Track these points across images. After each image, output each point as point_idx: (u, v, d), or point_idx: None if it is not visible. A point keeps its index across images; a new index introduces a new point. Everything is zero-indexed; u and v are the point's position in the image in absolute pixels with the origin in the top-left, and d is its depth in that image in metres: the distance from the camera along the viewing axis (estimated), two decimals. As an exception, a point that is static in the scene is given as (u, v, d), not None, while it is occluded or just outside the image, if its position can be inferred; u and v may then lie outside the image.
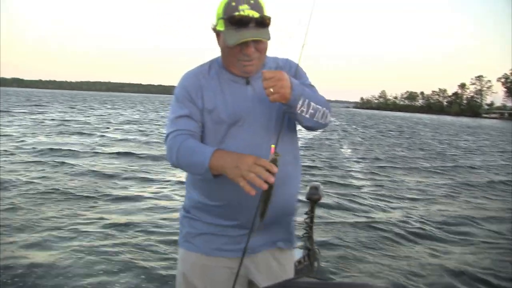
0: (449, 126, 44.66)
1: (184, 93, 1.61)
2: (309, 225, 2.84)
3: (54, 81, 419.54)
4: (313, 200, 2.81)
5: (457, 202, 7.53)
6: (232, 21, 1.46)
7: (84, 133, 16.05)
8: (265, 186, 1.28)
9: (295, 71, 1.69)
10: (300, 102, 1.49)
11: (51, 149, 11.17)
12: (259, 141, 1.53)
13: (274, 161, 1.31)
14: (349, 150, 15.09)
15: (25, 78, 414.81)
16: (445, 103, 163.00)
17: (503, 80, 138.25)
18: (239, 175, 1.31)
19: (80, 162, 9.56)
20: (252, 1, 1.48)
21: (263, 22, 1.48)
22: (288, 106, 1.49)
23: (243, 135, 1.55)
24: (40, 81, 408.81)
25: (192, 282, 1.70)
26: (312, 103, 1.54)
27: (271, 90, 1.40)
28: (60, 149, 11.19)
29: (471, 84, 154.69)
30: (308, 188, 2.93)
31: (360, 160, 12.65)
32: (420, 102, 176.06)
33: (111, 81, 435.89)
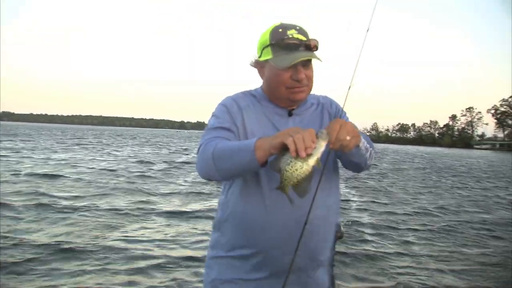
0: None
1: (223, 109, 1.59)
2: (330, 264, 2.37)
3: (46, 114, 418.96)
4: (335, 237, 2.36)
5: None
6: (282, 45, 1.48)
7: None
8: (303, 155, 1.23)
9: (336, 109, 1.71)
10: (361, 143, 1.48)
11: None
12: None
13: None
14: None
15: (16, 112, 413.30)
16: (436, 135, 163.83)
17: (493, 111, 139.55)
18: (286, 133, 1.27)
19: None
20: (297, 27, 1.53)
21: (311, 46, 1.51)
22: (356, 149, 1.46)
23: None
24: (31, 114, 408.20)
25: None
26: (366, 144, 1.54)
27: (348, 138, 1.32)
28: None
29: (461, 116, 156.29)
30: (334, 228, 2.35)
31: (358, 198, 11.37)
32: (412, 134, 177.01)
33: (103, 115, 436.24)
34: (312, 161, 1.28)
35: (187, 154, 26.79)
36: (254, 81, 1.79)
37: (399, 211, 9.21)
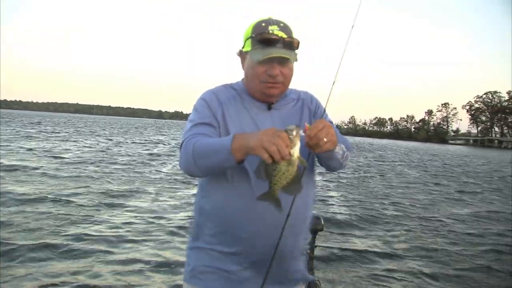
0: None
1: (204, 103, 1.61)
2: (310, 256, 2.64)
3: (20, 101, 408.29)
4: (315, 230, 2.63)
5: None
6: (260, 39, 1.50)
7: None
8: (279, 160, 1.25)
9: (316, 105, 1.74)
10: (338, 146, 1.50)
11: None
12: None
13: (292, 134, 1.28)
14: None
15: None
16: (412, 129, 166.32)
17: (467, 107, 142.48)
18: (260, 146, 1.25)
19: None
20: (282, 24, 1.55)
21: (291, 44, 1.52)
22: (329, 153, 1.49)
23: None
24: (5, 101, 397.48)
25: None
26: (342, 146, 1.55)
27: (325, 139, 1.34)
28: None
29: (437, 111, 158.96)
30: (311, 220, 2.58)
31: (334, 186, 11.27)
32: (388, 128, 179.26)
33: (80, 103, 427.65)
34: (295, 162, 1.29)
35: (163, 145, 26.41)
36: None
37: (384, 208, 9.14)
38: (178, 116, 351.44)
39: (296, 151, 1.29)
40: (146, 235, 5.67)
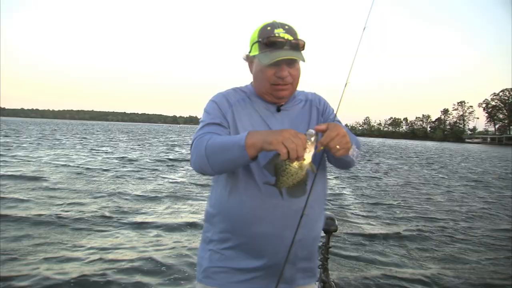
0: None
1: (214, 105, 1.65)
2: (325, 257, 2.71)
3: (37, 109, 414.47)
4: (329, 231, 2.67)
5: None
6: (267, 43, 1.53)
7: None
8: (293, 160, 1.29)
9: (324, 105, 1.77)
10: (351, 151, 1.52)
11: None
12: None
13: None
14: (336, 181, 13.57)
15: (6, 107, 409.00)
16: (428, 129, 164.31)
17: (484, 105, 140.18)
18: (280, 141, 1.28)
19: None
20: (286, 26, 1.58)
21: (297, 45, 1.56)
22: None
23: None
24: (22, 109, 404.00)
25: None
26: (355, 147, 1.54)
27: (338, 147, 1.37)
28: None
29: (453, 110, 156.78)
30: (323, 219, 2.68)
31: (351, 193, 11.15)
32: (404, 128, 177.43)
33: (95, 110, 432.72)
34: (305, 166, 1.33)
35: (179, 148, 26.43)
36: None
37: (405, 214, 8.93)
38: (193, 121, 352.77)
39: (309, 157, 1.32)
40: (158, 247, 5.54)
